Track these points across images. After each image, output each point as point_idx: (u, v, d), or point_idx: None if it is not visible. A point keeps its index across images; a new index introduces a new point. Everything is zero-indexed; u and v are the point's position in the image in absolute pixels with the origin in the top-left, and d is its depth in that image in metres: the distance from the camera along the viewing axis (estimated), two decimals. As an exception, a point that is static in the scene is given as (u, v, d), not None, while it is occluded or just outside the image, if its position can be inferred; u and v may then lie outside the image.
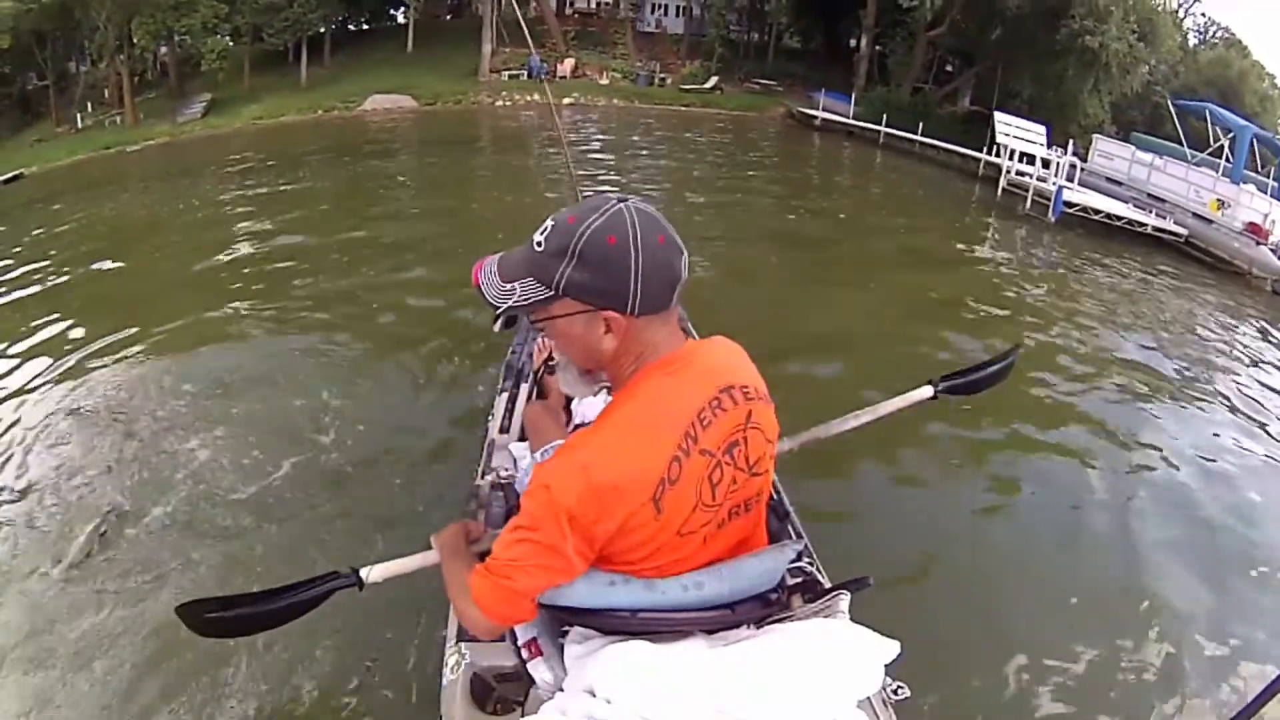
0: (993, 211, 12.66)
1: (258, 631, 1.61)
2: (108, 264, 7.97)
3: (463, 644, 1.47)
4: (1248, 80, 27.96)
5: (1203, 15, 30.72)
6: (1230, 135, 13.51)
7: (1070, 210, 11.71)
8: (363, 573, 1.51)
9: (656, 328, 1.14)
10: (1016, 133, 14.07)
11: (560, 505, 1.05)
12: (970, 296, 7.16)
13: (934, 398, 2.02)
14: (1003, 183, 13.66)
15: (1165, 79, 22.82)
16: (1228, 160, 13.35)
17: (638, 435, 1.10)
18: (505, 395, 2.80)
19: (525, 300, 1.11)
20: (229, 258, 7.65)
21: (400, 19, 30.97)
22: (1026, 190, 12.82)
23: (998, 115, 14.76)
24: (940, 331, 5.96)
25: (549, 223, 1.10)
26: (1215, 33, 31.34)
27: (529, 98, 23.31)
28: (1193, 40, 28.93)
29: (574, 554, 1.09)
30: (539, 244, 1.10)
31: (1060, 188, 11.96)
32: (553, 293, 1.10)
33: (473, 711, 1.37)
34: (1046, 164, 13.25)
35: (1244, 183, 12.64)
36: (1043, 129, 14.54)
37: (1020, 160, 13.79)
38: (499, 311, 1.14)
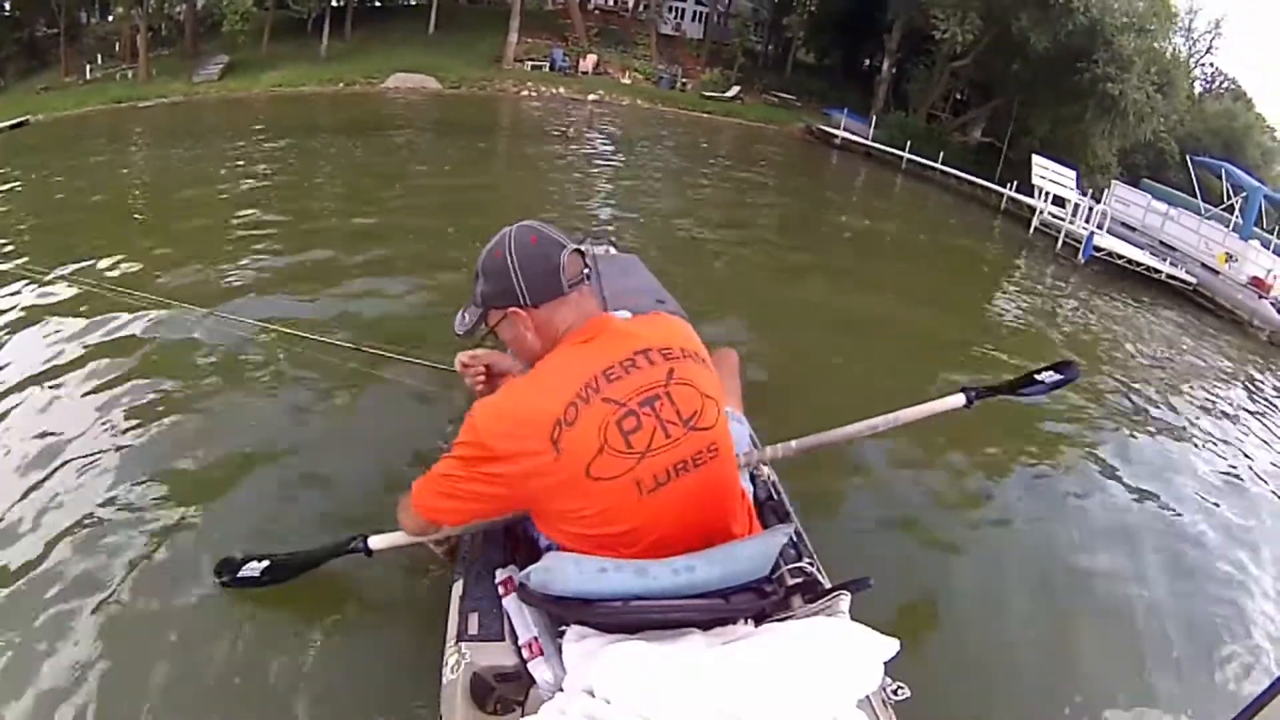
0: (1023, 249, 13.04)
1: (277, 583, 1.82)
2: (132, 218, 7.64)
3: (463, 644, 1.46)
4: (1251, 134, 28.56)
5: (1210, 65, 31.38)
6: (1243, 194, 14.06)
7: (1097, 254, 12.21)
8: (371, 541, 1.74)
9: (564, 314, 1.33)
10: (1052, 176, 14.70)
11: (479, 431, 1.27)
12: (1010, 331, 7.40)
13: (967, 406, 1.86)
14: (1035, 222, 14.27)
15: (1172, 127, 23.40)
16: (1238, 216, 13.90)
17: (541, 383, 1.30)
18: None
19: (471, 322, 1.40)
20: (237, 222, 7.17)
21: (417, -1, 30.58)
22: (1058, 231, 13.38)
23: (1035, 159, 15.26)
24: (978, 358, 6.05)
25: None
26: (1221, 84, 32.02)
27: (554, 90, 23.18)
28: (1198, 89, 29.43)
29: (490, 478, 1.28)
30: (474, 278, 1.39)
31: (1091, 233, 12.50)
32: (481, 308, 1.38)
33: (473, 711, 1.35)
34: (1076, 208, 13.79)
35: (1251, 239, 13.20)
36: (1073, 173, 15.12)
37: (1048, 201, 14.37)
38: (461, 335, 1.42)
